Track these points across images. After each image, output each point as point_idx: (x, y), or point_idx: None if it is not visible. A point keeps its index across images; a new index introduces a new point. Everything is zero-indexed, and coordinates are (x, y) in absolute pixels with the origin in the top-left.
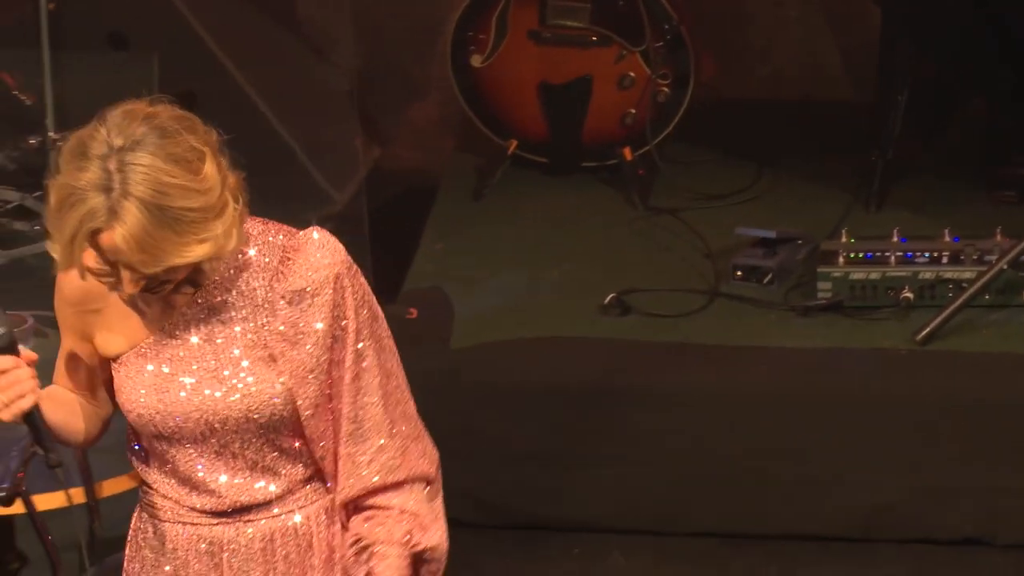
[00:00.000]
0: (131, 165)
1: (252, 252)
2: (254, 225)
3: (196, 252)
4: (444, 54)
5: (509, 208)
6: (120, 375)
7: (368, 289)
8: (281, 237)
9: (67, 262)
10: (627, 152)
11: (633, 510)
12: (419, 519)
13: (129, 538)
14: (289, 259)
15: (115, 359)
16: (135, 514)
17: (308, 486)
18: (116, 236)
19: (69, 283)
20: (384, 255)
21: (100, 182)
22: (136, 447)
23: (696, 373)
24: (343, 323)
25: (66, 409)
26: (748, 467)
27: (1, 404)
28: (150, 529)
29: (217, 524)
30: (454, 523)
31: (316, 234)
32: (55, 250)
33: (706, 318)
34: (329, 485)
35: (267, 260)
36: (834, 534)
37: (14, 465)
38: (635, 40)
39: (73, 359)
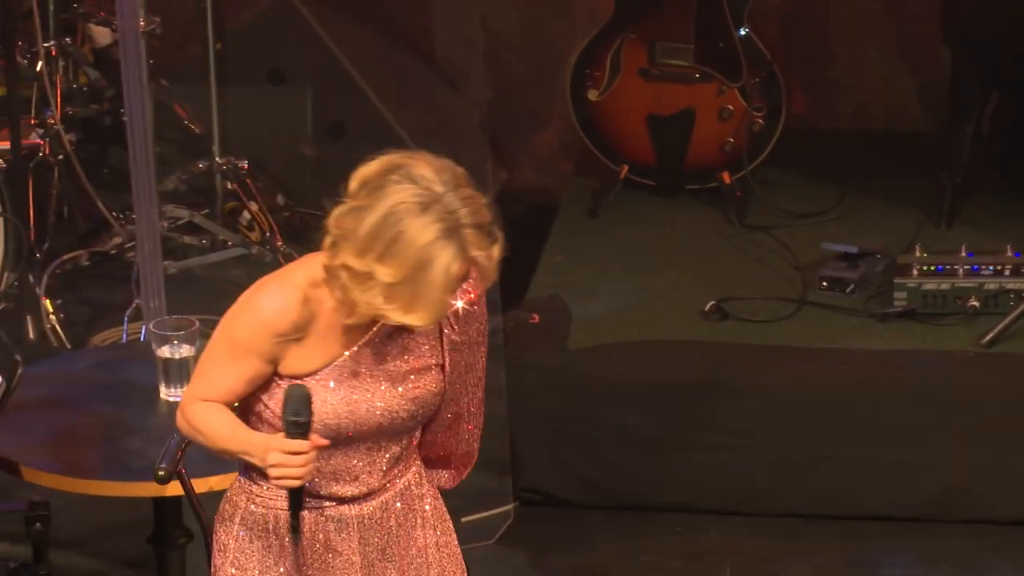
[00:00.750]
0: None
1: None
2: None
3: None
4: (564, 89)
5: (621, 225)
6: (312, 388)
7: None
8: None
9: (440, 310)
10: (726, 176)
11: (728, 492)
12: None
13: (237, 523)
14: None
15: (301, 376)
16: (238, 503)
17: (413, 456)
18: (483, 264)
19: (282, 318)
20: (509, 267)
21: (446, 228)
22: None
23: (786, 371)
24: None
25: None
26: (830, 454)
27: (281, 473)
28: (266, 517)
29: (345, 505)
30: (571, 504)
31: None
32: (419, 307)
33: (795, 323)
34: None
35: None
36: (905, 514)
37: (173, 446)
38: (734, 77)
39: (242, 380)
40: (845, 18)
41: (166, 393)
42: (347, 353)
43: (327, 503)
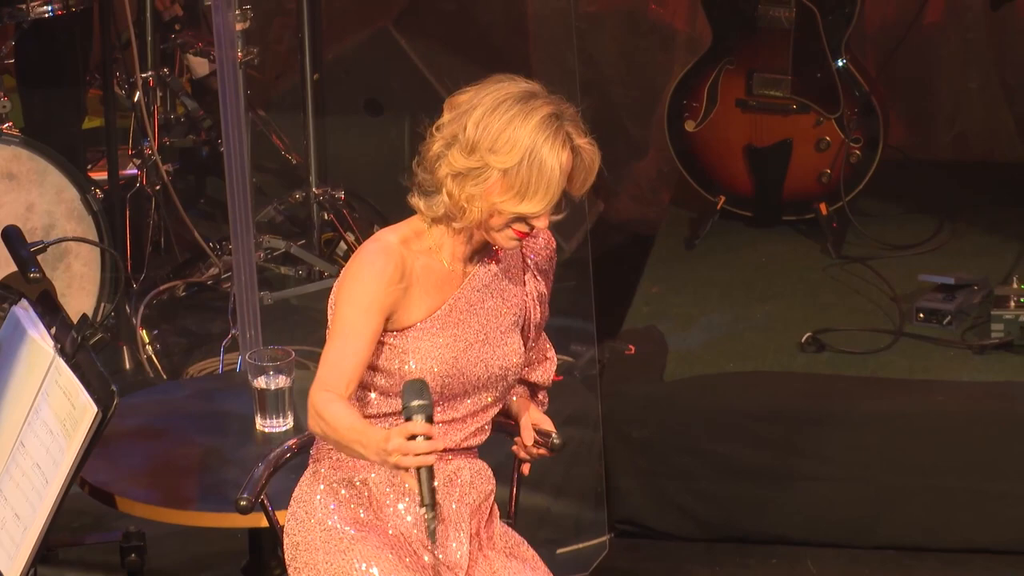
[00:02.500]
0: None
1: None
2: None
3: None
4: (661, 119)
5: (718, 256)
6: (410, 340)
7: None
8: None
9: (552, 195)
10: (823, 207)
11: (825, 524)
12: None
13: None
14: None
15: (405, 328)
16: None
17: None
18: (586, 153)
19: (386, 262)
20: (606, 298)
21: (553, 112)
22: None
23: (882, 403)
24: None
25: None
26: (928, 486)
27: (407, 451)
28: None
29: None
30: (666, 536)
31: None
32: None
33: (892, 355)
34: None
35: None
36: (1005, 547)
37: (257, 475)
38: (831, 108)
39: (367, 341)
40: (944, 48)
41: (262, 424)
42: (448, 303)
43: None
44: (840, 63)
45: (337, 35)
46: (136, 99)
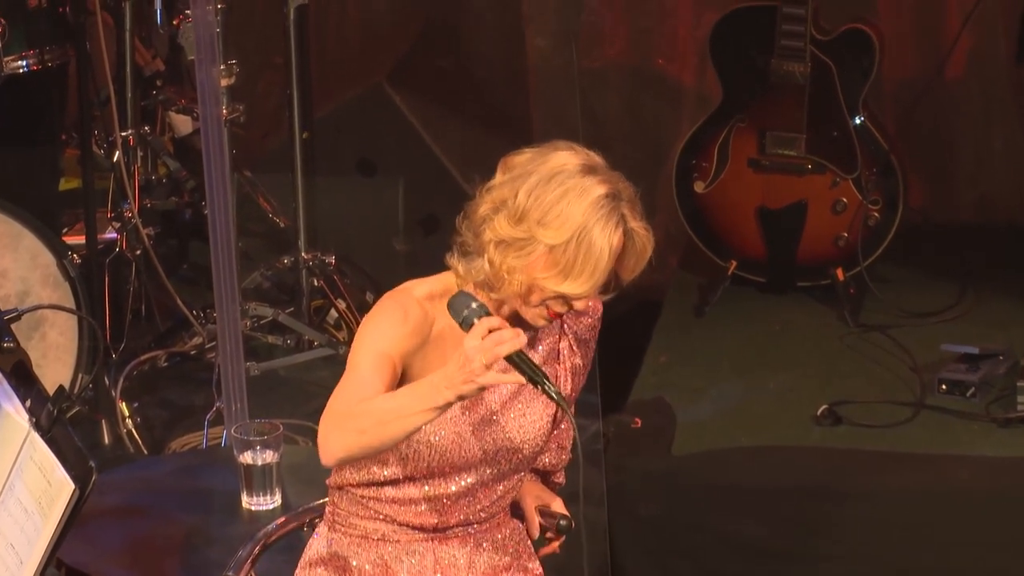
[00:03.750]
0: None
1: None
2: None
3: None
4: (669, 180)
5: (729, 323)
6: None
7: None
8: None
9: (597, 278)
10: (840, 272)
11: None
12: None
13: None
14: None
15: None
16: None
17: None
18: (639, 237)
19: (408, 313)
20: (611, 367)
21: (611, 192)
22: (367, 476)
23: (903, 479)
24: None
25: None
26: (950, 567)
27: (494, 342)
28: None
29: (429, 539)
30: None
31: None
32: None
33: (912, 429)
34: None
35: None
36: None
37: (244, 555)
38: (848, 168)
39: (390, 382)
40: (966, 104)
41: (248, 501)
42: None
43: (412, 532)
44: (858, 120)
45: (328, 92)
46: (115, 159)
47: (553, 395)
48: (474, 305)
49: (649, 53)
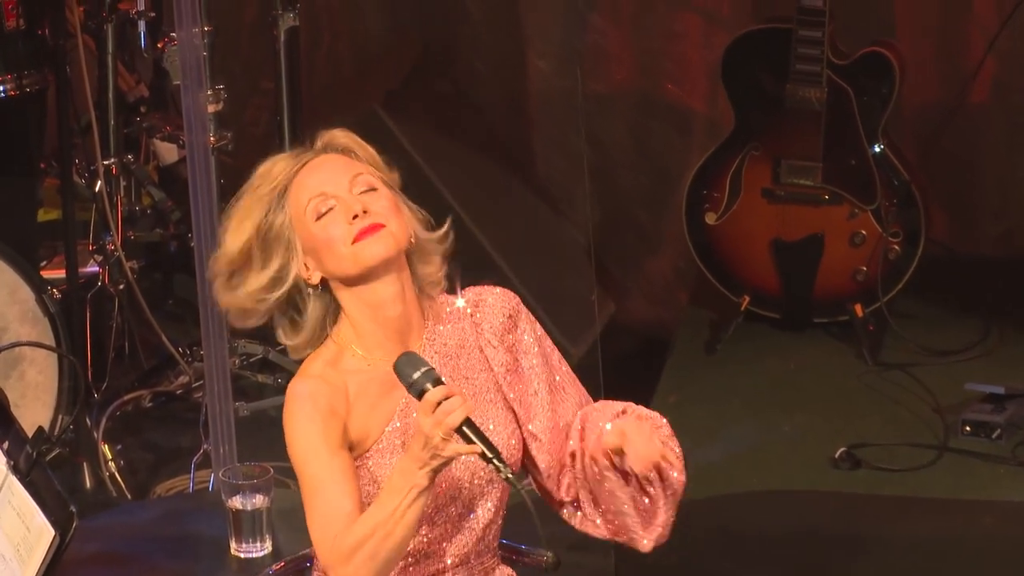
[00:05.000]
0: None
1: (447, 322)
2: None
3: None
4: (679, 211)
5: (741, 361)
6: (374, 466)
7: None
8: (459, 299)
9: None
10: (858, 308)
11: None
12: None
13: None
14: (478, 308)
15: (367, 452)
16: None
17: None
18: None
19: (319, 399)
20: None
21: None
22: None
23: (925, 525)
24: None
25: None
26: None
27: (436, 424)
28: None
29: None
30: None
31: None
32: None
33: (935, 472)
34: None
35: (462, 324)
36: None
37: None
38: (867, 198)
39: (348, 476)
40: (990, 132)
41: (237, 548)
42: (398, 409)
43: None
44: (877, 149)
45: (319, 117)
46: (97, 189)
47: (506, 473)
48: (418, 375)
49: (657, 77)
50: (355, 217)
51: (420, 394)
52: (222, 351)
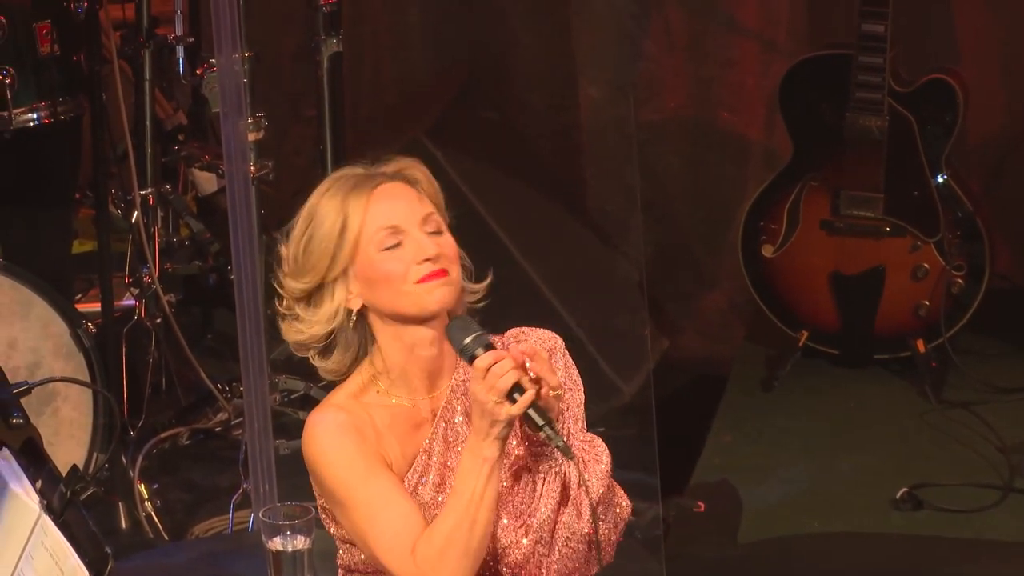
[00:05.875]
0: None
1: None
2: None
3: None
4: (735, 243)
5: (799, 399)
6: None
7: None
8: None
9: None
10: (920, 344)
11: None
12: None
13: None
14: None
15: (404, 480)
16: None
17: None
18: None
19: (351, 426)
20: (672, 446)
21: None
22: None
23: (989, 569)
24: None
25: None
26: None
27: (488, 389)
28: None
29: None
30: None
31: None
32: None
33: (1000, 514)
34: None
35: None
36: None
37: None
38: (929, 231)
39: (399, 488)
40: None
41: None
42: (423, 447)
43: None
44: (940, 179)
45: (362, 146)
46: (134, 219)
47: (560, 443)
48: (470, 339)
49: (713, 105)
50: (427, 259)
51: (471, 359)
52: (262, 387)
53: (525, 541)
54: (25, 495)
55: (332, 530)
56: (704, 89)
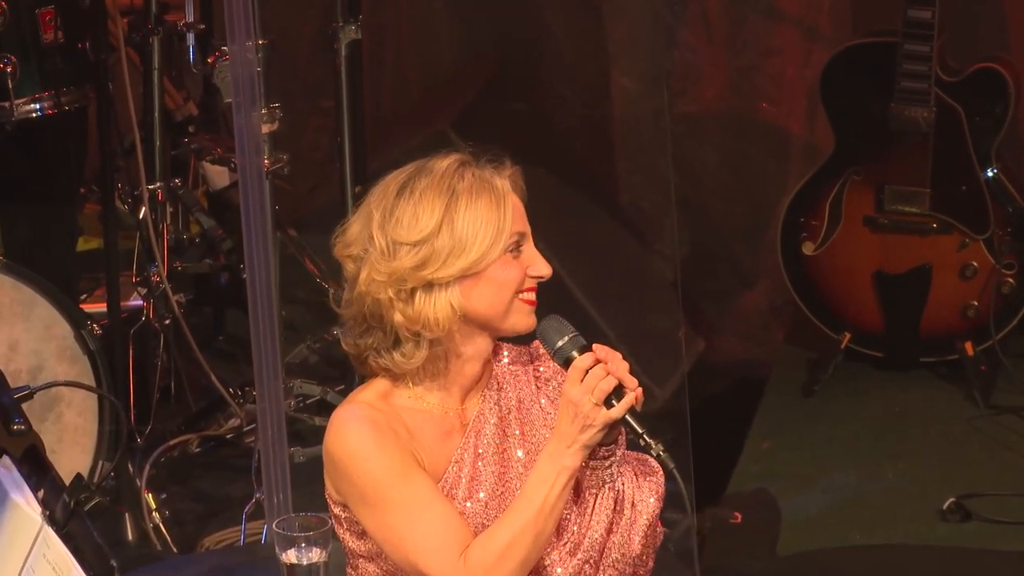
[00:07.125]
0: None
1: (505, 361)
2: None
3: None
4: (774, 241)
5: (841, 404)
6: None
7: None
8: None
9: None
10: (968, 346)
11: None
12: None
13: None
14: (540, 359)
15: (439, 484)
16: None
17: None
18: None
19: (382, 423)
20: (708, 453)
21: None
22: None
23: None
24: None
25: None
26: None
27: (587, 391)
28: None
29: None
30: None
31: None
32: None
33: None
34: None
35: (515, 368)
36: None
37: None
38: (978, 227)
39: (437, 493)
40: None
41: None
42: (454, 459)
43: None
44: (990, 173)
45: (383, 140)
46: (141, 215)
47: (654, 448)
48: (564, 342)
49: (751, 96)
50: (539, 278)
51: (566, 361)
52: (276, 392)
53: (574, 560)
54: (27, 505)
55: (349, 543)
56: (742, 79)
